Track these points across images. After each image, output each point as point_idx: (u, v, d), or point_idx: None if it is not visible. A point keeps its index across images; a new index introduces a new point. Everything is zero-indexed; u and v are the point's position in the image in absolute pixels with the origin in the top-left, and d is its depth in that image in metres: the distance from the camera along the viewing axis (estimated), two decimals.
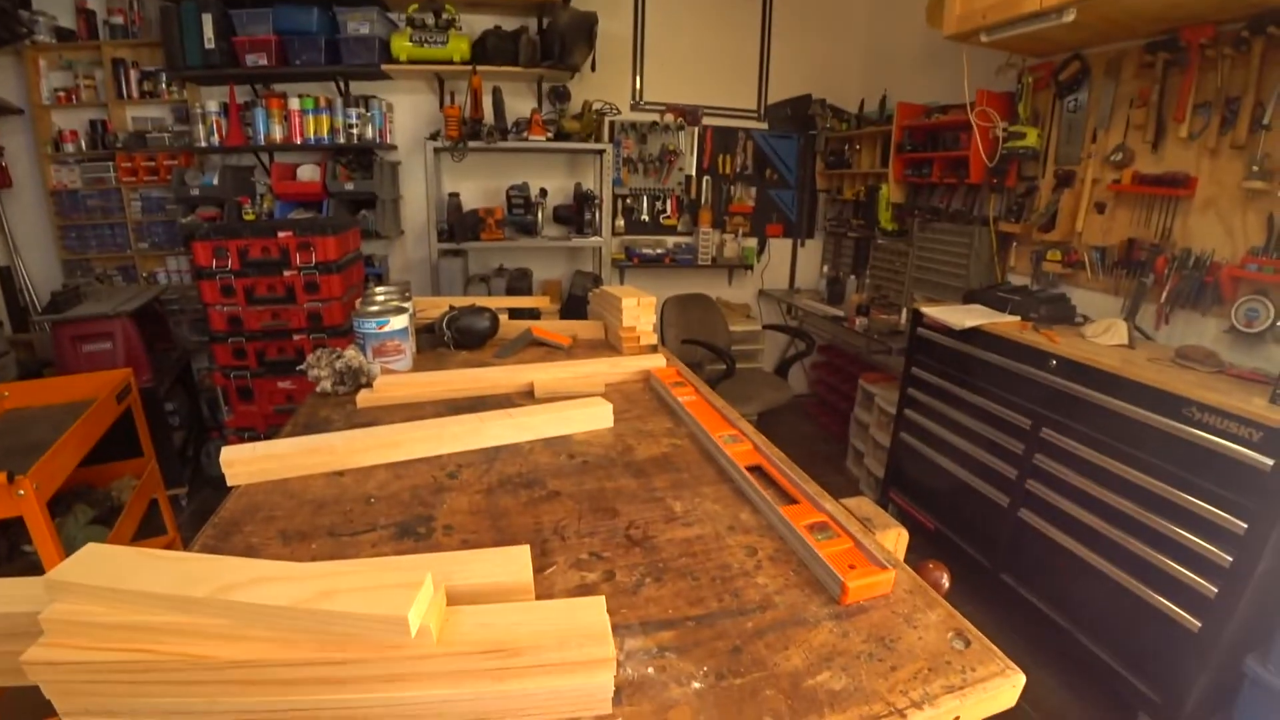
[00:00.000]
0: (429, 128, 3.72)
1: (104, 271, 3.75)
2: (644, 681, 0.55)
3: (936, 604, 0.65)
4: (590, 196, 3.79)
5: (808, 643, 0.60)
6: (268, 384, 2.89)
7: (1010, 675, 0.56)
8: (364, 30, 3.33)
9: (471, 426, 1.03)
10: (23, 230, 3.62)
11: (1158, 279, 2.27)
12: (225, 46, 3.27)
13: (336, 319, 2.84)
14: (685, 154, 4.15)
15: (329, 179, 3.50)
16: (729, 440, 0.99)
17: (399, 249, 4.03)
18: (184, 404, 3.37)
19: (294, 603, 0.49)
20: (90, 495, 2.13)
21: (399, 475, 0.93)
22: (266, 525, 0.80)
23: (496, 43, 3.47)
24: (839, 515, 0.77)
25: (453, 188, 3.83)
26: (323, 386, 1.26)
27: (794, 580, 0.69)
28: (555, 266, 4.24)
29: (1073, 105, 2.62)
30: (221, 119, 3.42)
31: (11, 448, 1.78)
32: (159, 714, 0.49)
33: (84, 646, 0.48)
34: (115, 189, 3.62)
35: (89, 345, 2.74)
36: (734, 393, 3.32)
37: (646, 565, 0.71)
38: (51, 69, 3.49)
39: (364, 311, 1.34)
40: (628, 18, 3.94)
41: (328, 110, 3.49)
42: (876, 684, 0.55)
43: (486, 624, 0.53)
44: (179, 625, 0.49)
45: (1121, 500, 1.90)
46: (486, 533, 0.78)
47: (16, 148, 3.54)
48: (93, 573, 0.51)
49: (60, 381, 2.15)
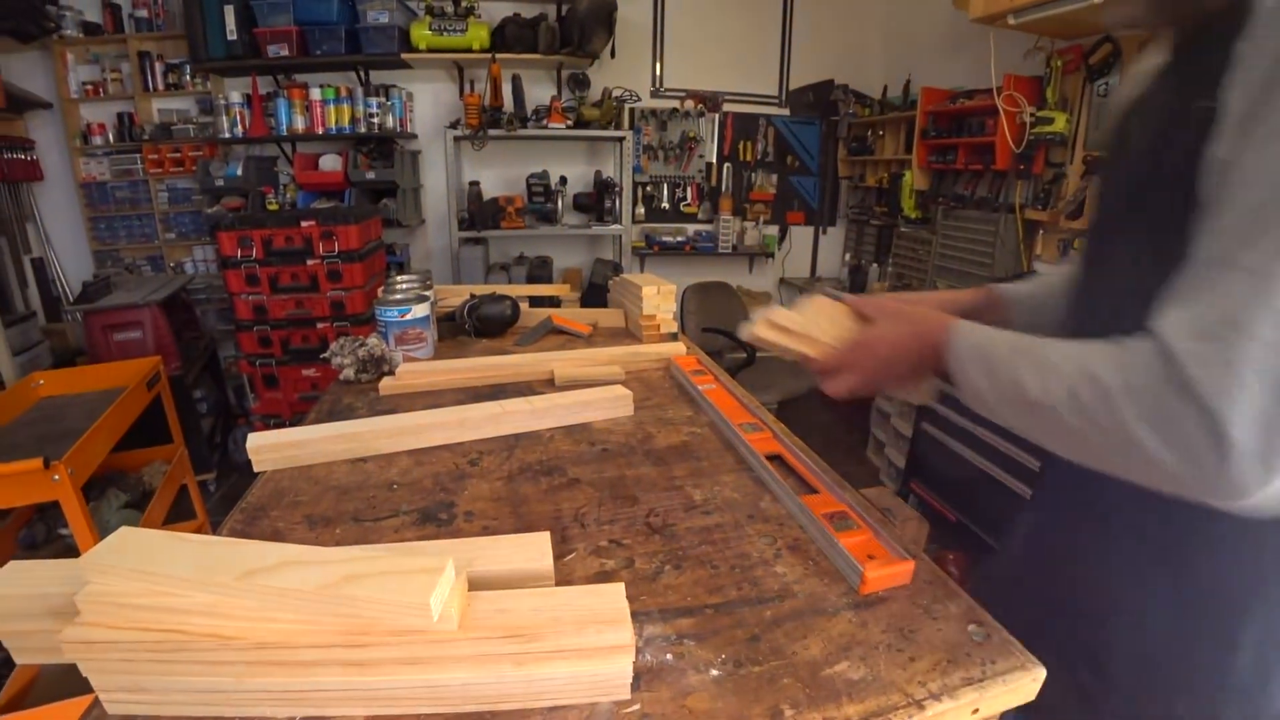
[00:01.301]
0: (449, 116, 3.73)
1: (133, 261, 3.83)
2: (662, 668, 0.55)
3: (956, 595, 0.65)
4: (610, 184, 3.78)
5: (826, 632, 0.60)
6: (292, 372, 2.94)
7: (1030, 668, 0.56)
8: (383, 19, 3.34)
9: (492, 414, 1.04)
10: (55, 222, 3.70)
11: None
12: (247, 38, 3.30)
13: (359, 307, 2.87)
14: (706, 141, 4.13)
15: (350, 168, 3.53)
16: (749, 429, 0.99)
17: (420, 237, 4.05)
18: (212, 391, 3.44)
19: (318, 586, 0.50)
20: (123, 480, 2.18)
21: (421, 462, 0.94)
22: (292, 510, 0.81)
23: (516, 30, 3.47)
24: (859, 505, 0.76)
25: (473, 176, 3.85)
26: (346, 374, 1.27)
27: (813, 570, 0.69)
28: (575, 254, 4.25)
29: (1104, 89, 2.56)
30: (244, 110, 3.46)
31: (46, 434, 1.83)
32: (189, 692, 0.50)
33: (117, 626, 0.50)
34: (142, 180, 3.69)
35: (120, 334, 2.80)
36: (754, 381, 3.31)
37: (666, 553, 0.72)
38: (79, 63, 3.56)
39: (386, 300, 1.35)
40: (647, 3, 3.91)
41: (349, 100, 3.51)
42: (895, 674, 0.55)
43: (507, 609, 0.53)
44: (208, 606, 0.50)
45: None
46: (507, 519, 0.79)
47: (47, 141, 3.61)
48: (126, 555, 0.52)
49: (93, 370, 2.20)
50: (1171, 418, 0.47)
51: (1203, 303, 0.48)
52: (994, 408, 0.63)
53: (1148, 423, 0.48)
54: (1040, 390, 0.56)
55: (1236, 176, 0.48)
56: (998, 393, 0.61)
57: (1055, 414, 0.55)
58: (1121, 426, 0.50)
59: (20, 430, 1.87)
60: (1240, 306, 0.45)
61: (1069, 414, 0.54)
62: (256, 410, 3.04)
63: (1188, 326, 0.48)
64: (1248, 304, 0.45)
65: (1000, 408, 0.62)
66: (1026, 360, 0.59)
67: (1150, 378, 0.49)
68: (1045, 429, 0.59)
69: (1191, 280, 0.50)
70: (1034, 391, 0.57)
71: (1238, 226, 0.47)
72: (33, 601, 0.54)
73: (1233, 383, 0.44)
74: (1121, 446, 0.51)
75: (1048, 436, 0.60)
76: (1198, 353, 0.46)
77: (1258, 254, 0.45)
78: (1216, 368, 0.45)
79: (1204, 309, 0.47)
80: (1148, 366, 0.49)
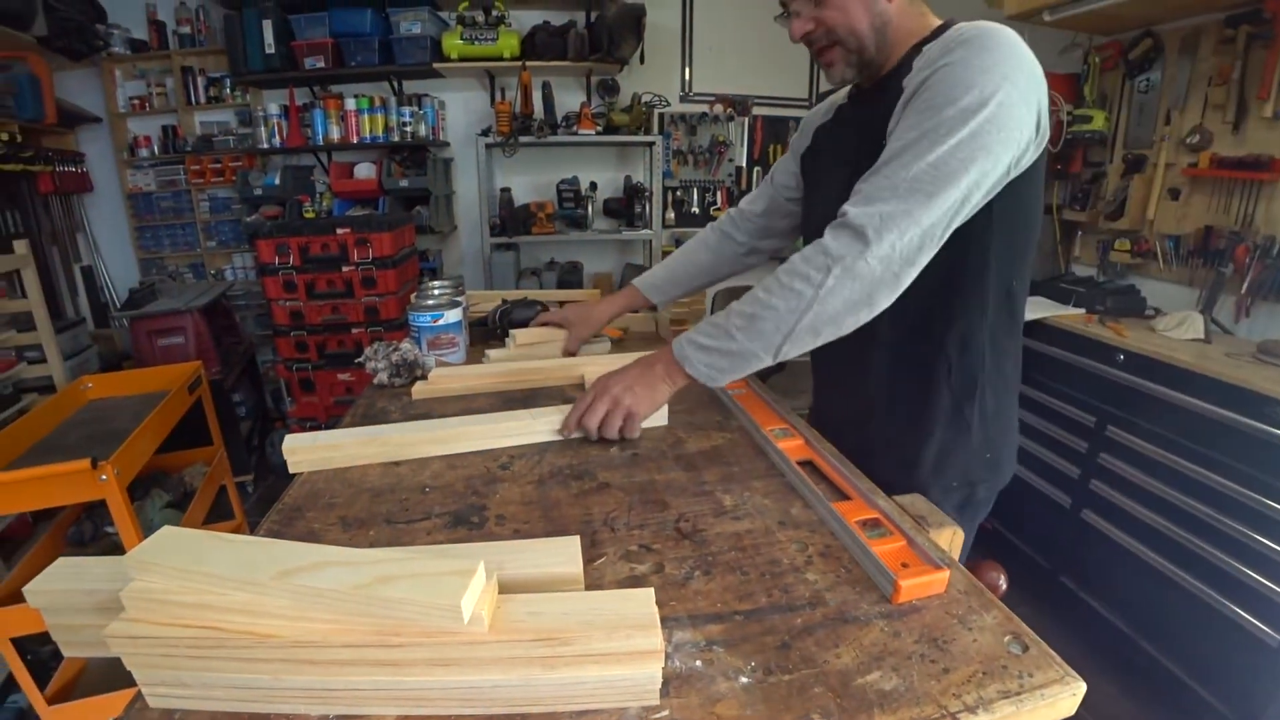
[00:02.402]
0: (480, 124, 3.77)
1: (176, 269, 3.94)
2: (692, 674, 0.55)
3: (992, 606, 0.63)
4: (640, 189, 3.79)
5: (858, 641, 0.59)
6: (328, 376, 3.00)
7: (1070, 683, 0.54)
8: (416, 30, 3.40)
9: (523, 420, 1.05)
10: (103, 232, 3.84)
11: (1238, 269, 2.14)
12: (285, 50, 3.39)
13: (393, 313, 2.92)
14: (735, 145, 4.11)
15: (384, 176, 3.59)
16: (780, 434, 0.98)
17: (452, 243, 4.11)
18: (250, 395, 3.52)
19: (352, 587, 0.51)
20: (165, 481, 2.24)
21: (453, 466, 0.95)
22: (327, 512, 0.83)
23: (545, 38, 3.50)
24: (892, 512, 0.75)
25: (504, 182, 3.89)
26: (380, 378, 1.29)
27: (845, 577, 0.68)
28: (606, 259, 4.26)
29: (1144, 85, 2.49)
30: (282, 121, 3.55)
31: (94, 435, 1.89)
32: (228, 688, 0.51)
33: (159, 622, 0.51)
34: (185, 190, 3.80)
35: (163, 339, 2.88)
36: (784, 386, 3.27)
37: (696, 558, 0.71)
38: (126, 79, 3.69)
39: (419, 305, 1.37)
40: (676, 8, 3.91)
41: (382, 109, 3.58)
42: (929, 685, 0.54)
43: (537, 613, 0.53)
44: (245, 605, 0.51)
45: (1194, 503, 1.80)
46: (538, 523, 0.79)
47: (96, 154, 3.75)
48: (168, 553, 0.53)
49: (138, 374, 2.27)
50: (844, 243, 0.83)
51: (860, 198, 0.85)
52: (734, 365, 0.92)
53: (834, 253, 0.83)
54: (755, 308, 0.89)
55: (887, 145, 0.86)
56: (736, 347, 0.90)
57: (774, 310, 0.87)
58: (826, 266, 0.83)
59: (70, 432, 1.94)
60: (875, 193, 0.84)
61: (788, 297, 0.86)
62: (293, 414, 3.11)
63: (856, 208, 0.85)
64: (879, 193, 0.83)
65: (749, 352, 0.89)
66: (730, 316, 0.92)
67: (830, 238, 0.85)
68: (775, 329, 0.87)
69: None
70: (756, 314, 0.88)
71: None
72: (80, 597, 0.56)
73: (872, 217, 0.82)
74: (837, 285, 0.83)
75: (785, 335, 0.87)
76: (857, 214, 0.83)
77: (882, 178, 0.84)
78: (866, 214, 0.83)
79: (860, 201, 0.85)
80: (831, 236, 0.85)
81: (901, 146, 0.83)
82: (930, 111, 0.82)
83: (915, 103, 0.84)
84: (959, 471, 1.04)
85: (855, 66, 0.98)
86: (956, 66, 0.81)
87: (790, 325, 0.85)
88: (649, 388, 0.98)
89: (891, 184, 0.82)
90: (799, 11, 0.96)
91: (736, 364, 0.91)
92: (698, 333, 0.95)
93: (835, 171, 1.04)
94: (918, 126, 0.82)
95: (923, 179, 0.80)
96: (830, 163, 1.11)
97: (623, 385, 0.99)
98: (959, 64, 0.81)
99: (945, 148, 0.79)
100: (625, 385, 0.99)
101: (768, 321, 0.87)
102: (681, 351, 0.95)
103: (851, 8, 0.93)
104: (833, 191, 0.98)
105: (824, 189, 1.11)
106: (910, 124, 0.83)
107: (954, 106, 0.80)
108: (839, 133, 1.12)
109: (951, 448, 1.02)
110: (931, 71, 0.84)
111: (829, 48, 0.97)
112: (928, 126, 0.81)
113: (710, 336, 0.92)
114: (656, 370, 0.98)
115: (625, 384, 0.99)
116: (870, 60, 0.97)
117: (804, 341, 0.87)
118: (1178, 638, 1.89)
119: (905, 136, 0.83)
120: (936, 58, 0.85)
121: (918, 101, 0.84)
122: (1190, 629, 1.84)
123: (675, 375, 0.97)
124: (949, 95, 0.80)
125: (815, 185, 1.19)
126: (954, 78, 0.81)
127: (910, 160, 0.81)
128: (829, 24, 0.94)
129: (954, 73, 0.81)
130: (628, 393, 0.99)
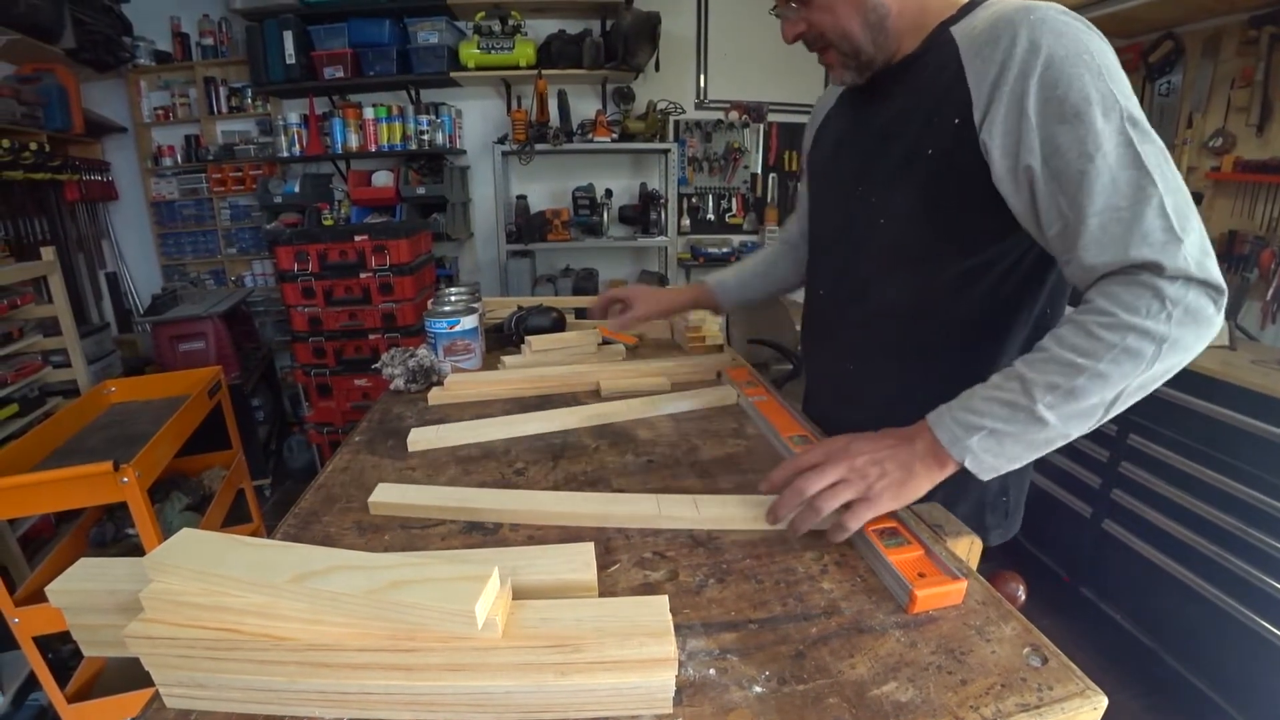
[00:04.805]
0: (497, 132, 3.80)
1: (197, 275, 4.00)
2: (705, 683, 0.55)
3: (1011, 617, 0.62)
4: (655, 196, 3.80)
5: (874, 651, 0.58)
6: (345, 381, 3.02)
7: (1091, 697, 0.53)
8: (433, 40, 3.44)
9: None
10: (127, 239, 3.91)
11: (1263, 274, 2.11)
12: (305, 61, 3.44)
13: (409, 319, 2.94)
14: (750, 152, 4.11)
15: (402, 184, 3.62)
16: (798, 441, 0.97)
17: (469, 250, 4.13)
18: (268, 400, 3.56)
19: (367, 591, 0.51)
20: (184, 484, 2.26)
21: (468, 472, 0.95)
22: (343, 516, 0.83)
23: (561, 46, 3.52)
24: (909, 521, 0.74)
25: (520, 190, 3.91)
26: (396, 384, 1.30)
27: (860, 586, 0.67)
28: (621, 266, 4.27)
29: (1165, 88, 2.46)
30: (301, 130, 3.60)
31: (116, 438, 1.92)
32: (243, 689, 0.52)
33: (178, 623, 0.52)
34: (207, 198, 3.86)
35: (184, 344, 2.92)
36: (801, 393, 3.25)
37: (710, 566, 0.71)
38: (151, 90, 3.76)
39: (435, 312, 1.38)
40: (691, 16, 3.92)
41: (400, 118, 3.61)
42: (945, 697, 0.53)
43: (551, 619, 0.53)
44: (262, 607, 0.52)
45: (1219, 513, 1.77)
46: (552, 529, 0.79)
47: (122, 163, 3.82)
48: (186, 556, 0.54)
49: (159, 378, 2.30)
50: (1187, 307, 0.63)
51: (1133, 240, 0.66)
52: (1050, 439, 0.69)
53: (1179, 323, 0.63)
54: (1084, 387, 0.66)
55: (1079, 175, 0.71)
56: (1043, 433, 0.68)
57: (1106, 382, 0.65)
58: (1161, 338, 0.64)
59: (93, 435, 1.96)
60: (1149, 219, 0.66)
61: (1119, 374, 0.65)
62: (310, 419, 3.13)
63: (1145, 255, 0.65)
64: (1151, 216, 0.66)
65: (1064, 429, 0.68)
66: (1040, 386, 0.67)
67: (1157, 291, 0.64)
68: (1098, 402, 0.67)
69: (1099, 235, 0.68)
70: (1085, 391, 0.66)
71: (1103, 197, 0.69)
72: (101, 597, 0.57)
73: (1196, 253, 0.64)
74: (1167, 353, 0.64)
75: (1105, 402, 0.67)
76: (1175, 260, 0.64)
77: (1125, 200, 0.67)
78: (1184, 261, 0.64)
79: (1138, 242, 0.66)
80: (1142, 291, 0.65)
81: (1079, 174, 0.70)
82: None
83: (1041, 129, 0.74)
84: (972, 508, 0.98)
85: (854, 69, 0.93)
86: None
87: (1115, 394, 0.66)
88: (905, 470, 0.72)
89: (1126, 206, 0.68)
90: (787, 15, 0.92)
91: (1036, 451, 0.70)
92: (976, 413, 0.70)
93: (844, 161, 1.02)
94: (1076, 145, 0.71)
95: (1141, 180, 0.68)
96: (844, 155, 1.05)
97: (870, 456, 0.73)
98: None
99: (1133, 151, 0.70)
100: (874, 457, 0.72)
101: (1093, 395, 0.65)
102: (953, 436, 0.70)
103: (839, 8, 0.86)
104: (846, 176, 0.99)
105: (834, 181, 1.07)
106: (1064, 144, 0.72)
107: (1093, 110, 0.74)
108: (845, 125, 1.07)
109: (966, 487, 0.93)
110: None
111: (826, 49, 0.93)
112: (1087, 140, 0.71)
113: (1004, 420, 0.68)
114: (916, 449, 0.72)
115: (874, 455, 0.73)
116: (869, 60, 0.91)
117: (1114, 411, 0.68)
118: (1201, 650, 1.85)
119: (1075, 163, 0.71)
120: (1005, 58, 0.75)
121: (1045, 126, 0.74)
122: (1214, 642, 1.80)
123: (943, 463, 0.71)
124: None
125: (824, 178, 1.13)
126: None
127: (1109, 183, 0.68)
128: (818, 26, 0.90)
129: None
130: (875, 466, 0.72)
